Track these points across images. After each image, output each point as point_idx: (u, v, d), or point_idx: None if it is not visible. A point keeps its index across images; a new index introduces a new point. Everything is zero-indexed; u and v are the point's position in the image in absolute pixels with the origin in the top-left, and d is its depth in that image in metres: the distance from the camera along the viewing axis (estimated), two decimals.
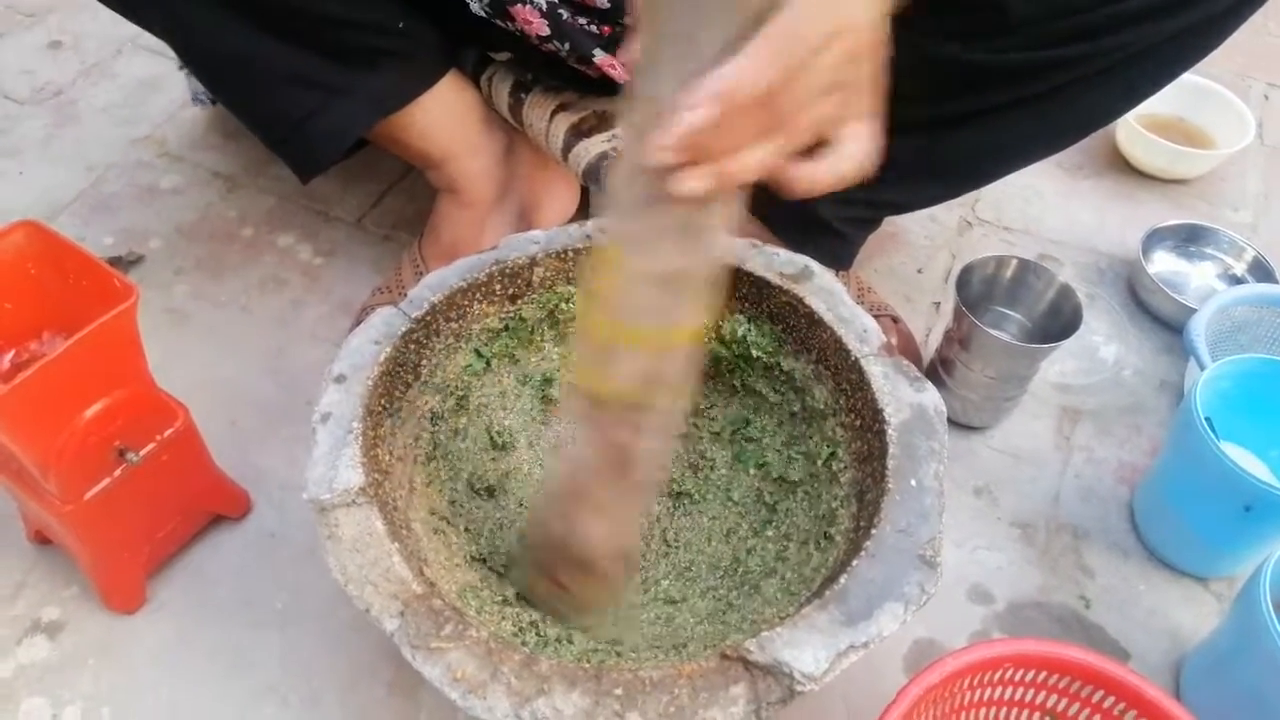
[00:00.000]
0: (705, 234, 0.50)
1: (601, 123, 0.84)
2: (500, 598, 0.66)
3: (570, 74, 0.85)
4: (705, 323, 0.54)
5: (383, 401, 0.67)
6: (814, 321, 0.71)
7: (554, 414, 0.79)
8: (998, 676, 0.64)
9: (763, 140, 0.45)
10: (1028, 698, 0.65)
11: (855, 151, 0.48)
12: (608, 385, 0.54)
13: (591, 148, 0.82)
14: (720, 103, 0.43)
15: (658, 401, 0.55)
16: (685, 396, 0.56)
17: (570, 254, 0.74)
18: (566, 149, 0.85)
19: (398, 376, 0.69)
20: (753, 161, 0.46)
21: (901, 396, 0.66)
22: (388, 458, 0.66)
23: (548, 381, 0.79)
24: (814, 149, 0.49)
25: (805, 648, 0.53)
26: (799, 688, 0.52)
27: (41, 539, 0.79)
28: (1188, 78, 1.20)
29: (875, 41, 0.46)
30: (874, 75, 0.47)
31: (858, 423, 0.68)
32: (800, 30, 0.43)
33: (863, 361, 0.68)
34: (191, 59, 0.80)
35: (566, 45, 0.80)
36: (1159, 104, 1.20)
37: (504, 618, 0.64)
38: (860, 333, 0.70)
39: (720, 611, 0.68)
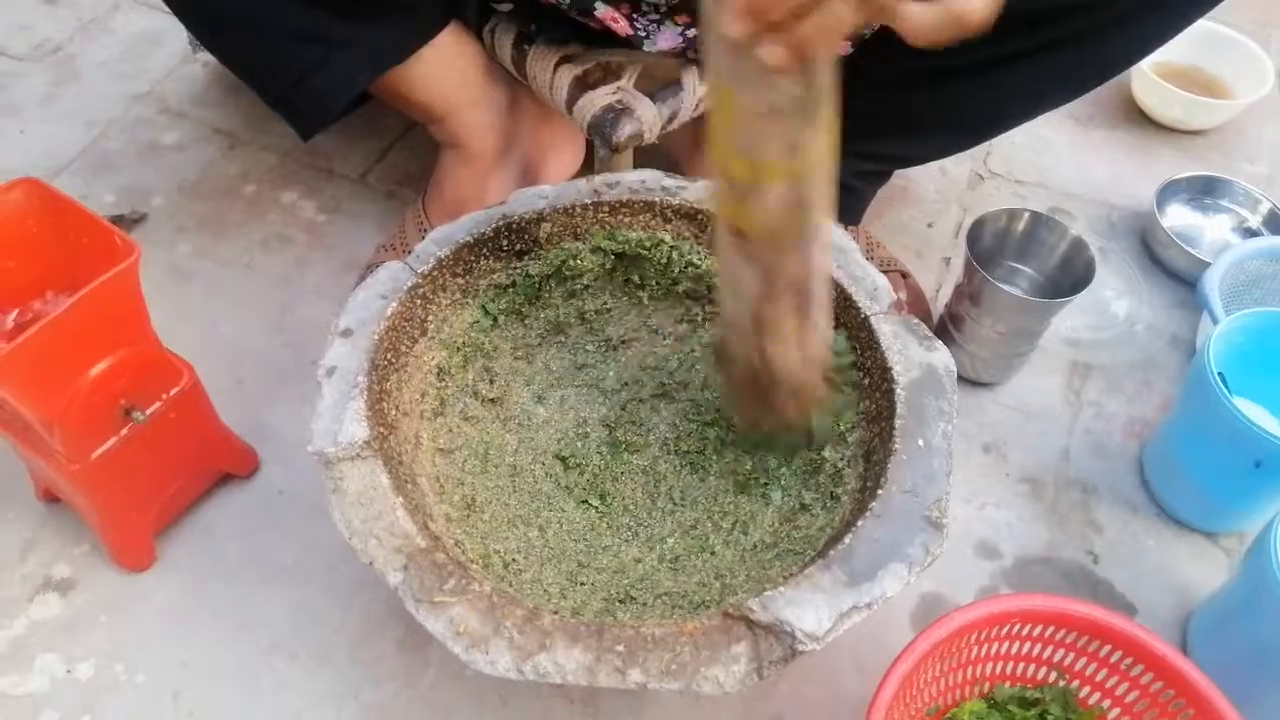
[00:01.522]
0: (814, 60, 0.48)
1: (606, 75, 0.82)
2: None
3: (574, 26, 0.83)
4: (830, 141, 0.53)
5: (389, 356, 0.66)
6: None
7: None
8: (1005, 631, 0.64)
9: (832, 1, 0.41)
10: (1035, 652, 0.66)
11: None
12: (751, 220, 0.54)
13: (596, 100, 0.81)
14: None
15: (810, 225, 0.55)
16: (831, 214, 0.56)
17: (577, 210, 0.73)
18: (571, 102, 0.84)
19: (404, 331, 0.68)
20: (823, 21, 0.41)
21: (911, 355, 0.65)
22: (393, 412, 0.66)
23: (557, 329, 0.78)
24: None
25: (808, 607, 0.53)
26: (801, 647, 0.52)
27: (50, 497, 0.79)
28: (1205, 25, 1.18)
29: None
30: None
31: (866, 381, 0.68)
32: None
33: (872, 320, 0.67)
34: (187, 14, 0.79)
35: None
36: (1175, 52, 1.18)
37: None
38: (871, 290, 0.69)
39: (725, 569, 0.68)
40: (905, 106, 0.84)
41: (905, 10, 0.41)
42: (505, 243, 0.73)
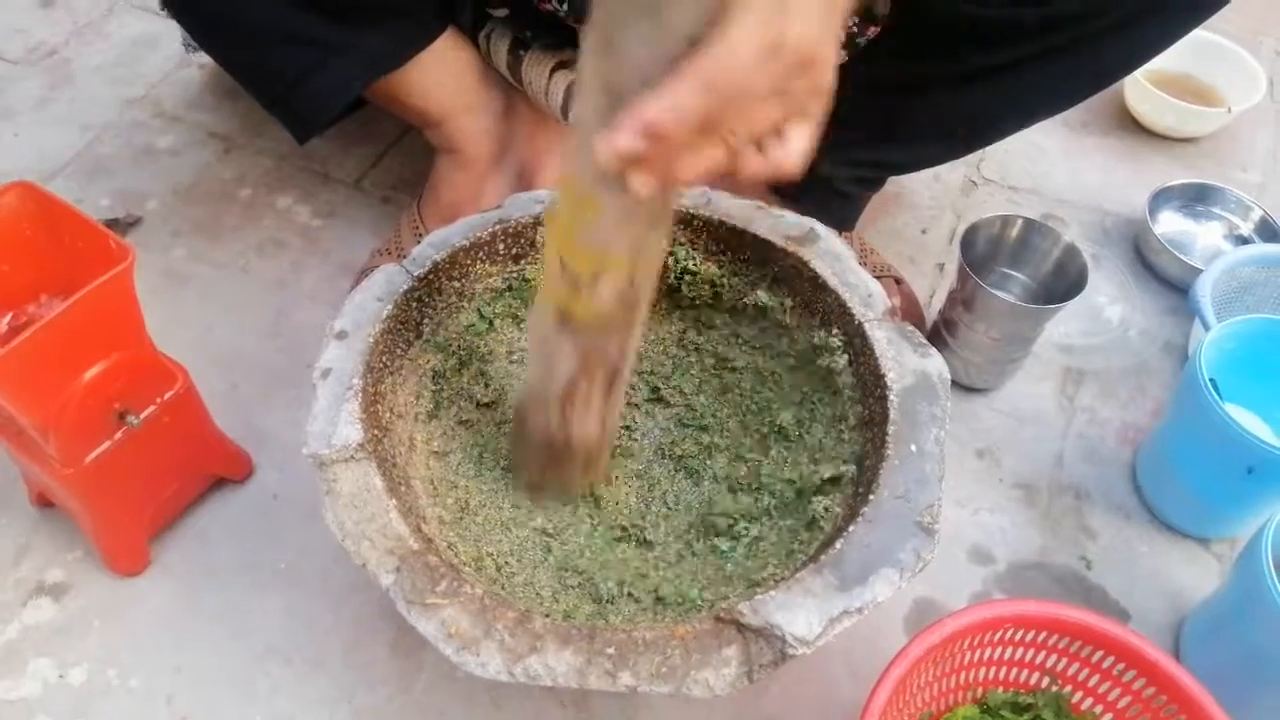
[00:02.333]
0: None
1: None
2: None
3: (569, 32, 0.83)
4: (664, 246, 0.58)
5: (384, 359, 0.67)
6: (819, 285, 0.71)
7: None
8: (998, 637, 0.64)
9: (705, 148, 0.46)
10: (1028, 658, 0.66)
11: (796, 149, 0.48)
12: (584, 306, 0.57)
13: None
14: (644, 134, 0.43)
15: (638, 311, 0.59)
16: (647, 305, 0.60)
17: None
18: (566, 107, 0.84)
19: (399, 334, 0.69)
20: (695, 167, 0.46)
21: (905, 362, 0.65)
22: (388, 415, 0.66)
23: None
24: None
25: (799, 611, 0.53)
26: (791, 651, 0.52)
27: (44, 502, 0.79)
28: (1198, 33, 1.18)
29: (824, 48, 0.45)
30: (825, 82, 0.47)
31: (860, 388, 0.68)
32: (733, 54, 0.41)
33: (867, 326, 0.67)
34: (184, 17, 0.79)
35: (564, 3, 0.79)
36: (1168, 60, 1.19)
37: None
38: (865, 297, 0.69)
39: (719, 575, 0.68)
40: (900, 114, 0.84)
41: (745, 158, 0.47)
42: (501, 247, 0.73)
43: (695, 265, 0.75)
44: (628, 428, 0.79)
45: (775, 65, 0.43)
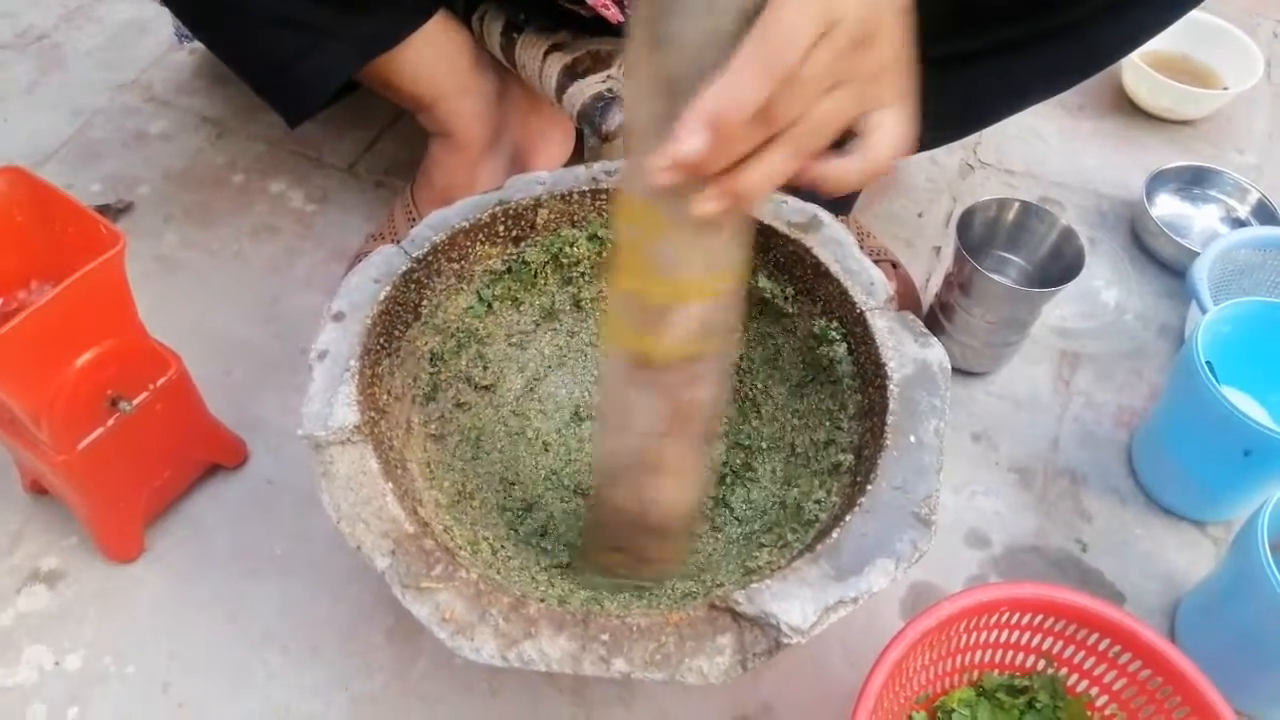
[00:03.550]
0: None
1: (596, 63, 0.82)
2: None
3: (563, 13, 0.82)
4: (744, 257, 0.52)
5: (381, 340, 0.66)
6: (820, 273, 0.70)
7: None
8: (994, 620, 0.64)
9: (770, 151, 0.42)
10: (1024, 641, 0.66)
11: (884, 141, 0.45)
12: (667, 347, 0.51)
13: (586, 89, 0.81)
14: (710, 127, 0.40)
15: (713, 349, 0.53)
16: (735, 336, 0.55)
17: (575, 196, 0.73)
18: (560, 90, 0.83)
19: (397, 316, 0.68)
20: (761, 175, 0.43)
21: (906, 351, 0.65)
22: (385, 397, 0.66)
23: (552, 316, 0.78)
24: (843, 141, 0.46)
25: (794, 600, 0.53)
26: (785, 640, 0.52)
27: (38, 489, 0.79)
28: (1195, 15, 1.17)
29: (885, 21, 0.41)
30: (893, 57, 0.43)
31: (859, 376, 0.68)
32: (787, 32, 0.39)
33: (868, 315, 0.67)
34: (174, 1, 0.78)
35: None
36: (1165, 42, 1.18)
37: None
38: (867, 285, 0.69)
39: (713, 560, 0.68)
40: None
41: (828, 166, 0.44)
42: (501, 228, 0.73)
43: None
44: None
45: (834, 40, 0.39)
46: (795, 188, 0.48)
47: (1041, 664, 0.67)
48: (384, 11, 0.79)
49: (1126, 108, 1.20)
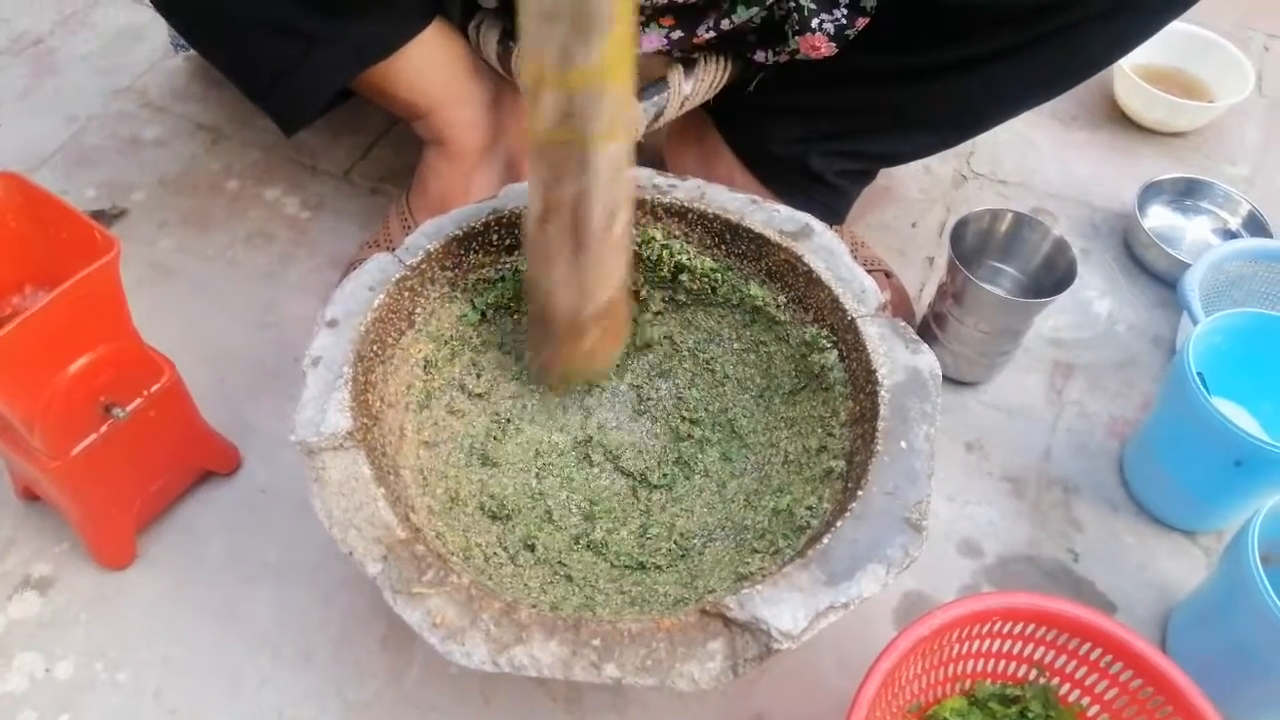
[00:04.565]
0: None
1: None
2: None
3: None
4: (609, 63, 0.54)
5: (374, 348, 0.66)
6: (812, 280, 0.71)
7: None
8: (987, 629, 0.64)
9: None
10: (1016, 650, 0.66)
11: None
12: (535, 128, 0.56)
13: None
14: None
15: (584, 142, 0.56)
16: (618, 144, 0.58)
17: None
18: None
19: (391, 323, 0.68)
20: None
21: (897, 358, 0.65)
22: (378, 404, 0.66)
23: None
24: None
25: (784, 606, 0.53)
26: (776, 645, 0.52)
27: (30, 495, 0.79)
28: (1187, 27, 1.19)
29: None
30: None
31: (851, 383, 0.68)
32: None
33: (859, 322, 0.67)
34: (168, 9, 0.78)
35: None
36: (1157, 54, 1.19)
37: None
38: (858, 293, 0.69)
39: (704, 566, 0.68)
40: (889, 104, 0.84)
41: None
42: (495, 237, 0.73)
43: (689, 259, 0.75)
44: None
45: None
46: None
47: (1034, 674, 0.67)
48: (380, 19, 0.79)
49: (1119, 119, 1.21)
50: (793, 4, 0.78)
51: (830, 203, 0.91)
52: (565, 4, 0.51)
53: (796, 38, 0.79)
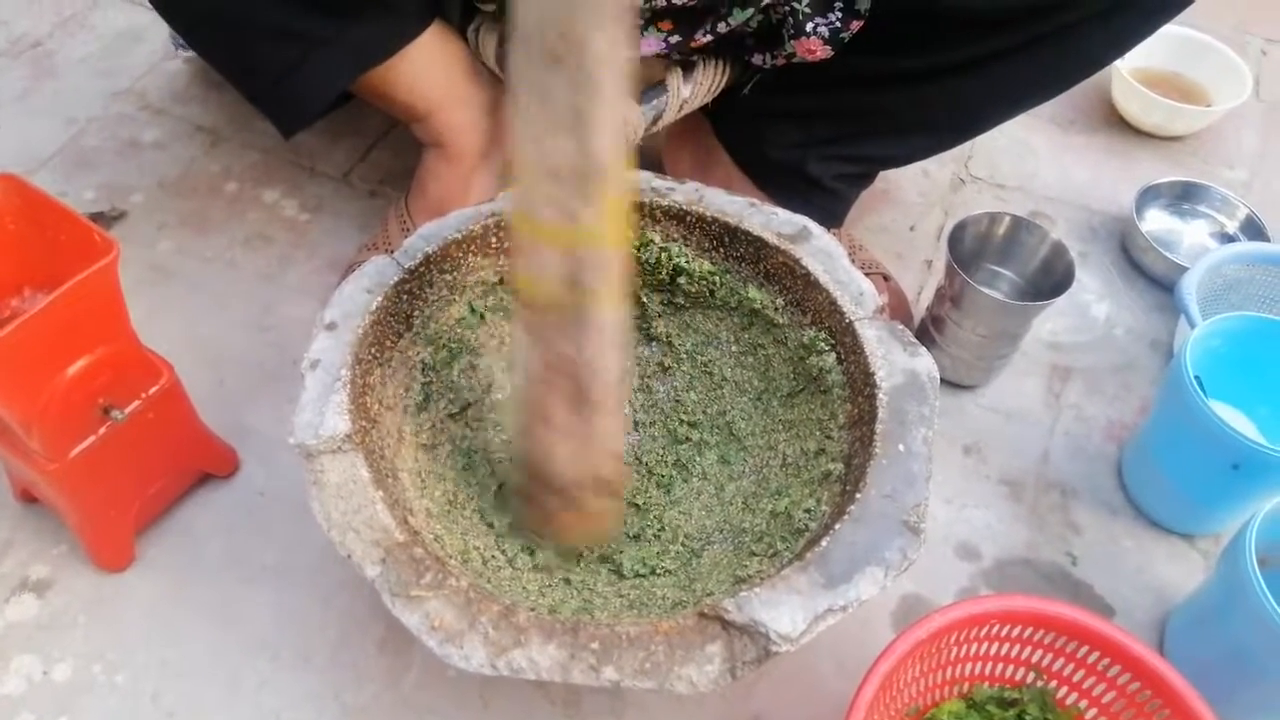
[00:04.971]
0: (591, 123, 0.49)
1: None
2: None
3: None
4: (610, 225, 0.53)
5: (373, 350, 0.66)
6: (810, 283, 0.71)
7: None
8: (985, 632, 0.64)
9: None
10: (1014, 653, 0.66)
11: None
12: (532, 285, 0.55)
13: None
14: None
15: (585, 305, 0.55)
16: (618, 308, 0.56)
17: None
18: None
19: (389, 326, 0.68)
20: None
21: (895, 361, 0.65)
22: (376, 406, 0.66)
23: None
24: None
25: (783, 609, 0.53)
26: (775, 648, 0.53)
27: (28, 497, 0.78)
28: (1184, 31, 1.19)
29: None
30: None
31: (849, 386, 0.68)
32: None
33: (857, 325, 0.67)
34: (168, 11, 0.78)
35: None
36: (1155, 58, 1.20)
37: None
38: (856, 295, 0.69)
39: (702, 569, 0.68)
40: (886, 107, 0.85)
41: None
42: (494, 240, 0.73)
43: (687, 262, 0.75)
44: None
45: None
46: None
47: (1031, 677, 0.67)
48: (380, 22, 0.79)
49: (1117, 123, 1.21)
50: (788, 7, 0.78)
51: (828, 206, 0.91)
52: (570, 162, 0.49)
53: (792, 41, 0.79)
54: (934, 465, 0.61)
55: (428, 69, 0.84)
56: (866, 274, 0.71)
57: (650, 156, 1.03)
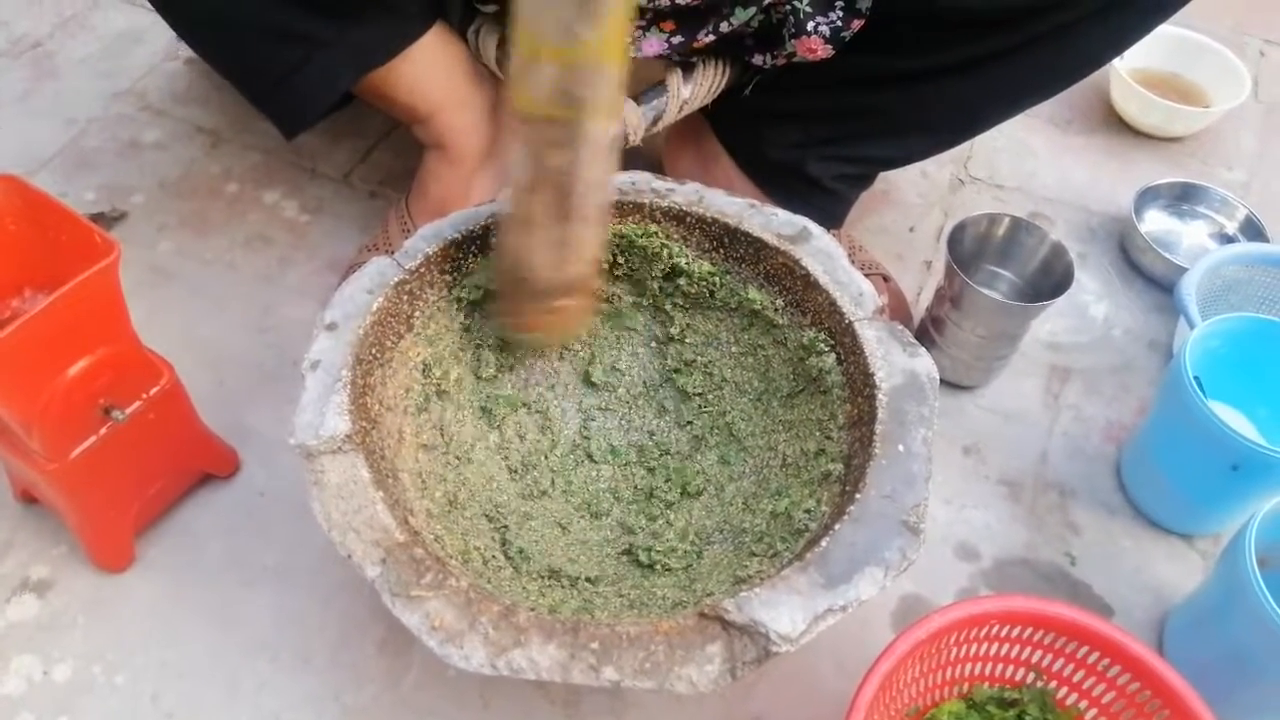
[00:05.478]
0: None
1: None
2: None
3: None
4: (610, 40, 0.55)
5: (373, 351, 0.66)
6: (809, 284, 0.71)
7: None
8: (984, 633, 0.64)
9: None
10: (1013, 653, 0.66)
11: None
12: (527, 100, 0.57)
13: None
14: None
15: (578, 120, 0.57)
16: (610, 122, 0.59)
17: None
18: None
19: (389, 326, 0.68)
20: None
21: (894, 361, 0.65)
22: (377, 407, 0.66)
23: None
24: None
25: (783, 609, 0.54)
26: (774, 648, 0.53)
27: (28, 498, 0.79)
28: (1183, 32, 1.20)
29: None
30: None
31: (849, 387, 0.68)
32: None
33: (856, 325, 0.67)
34: (169, 12, 0.78)
35: None
36: (1153, 59, 1.20)
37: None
38: (856, 296, 0.69)
39: (703, 569, 0.69)
40: (885, 108, 0.85)
41: None
42: (494, 240, 0.73)
43: (688, 263, 0.75)
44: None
45: None
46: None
47: (1031, 677, 0.67)
48: (381, 24, 0.79)
49: (1116, 124, 1.21)
50: (789, 6, 0.78)
51: (828, 207, 0.91)
52: None
53: (793, 41, 0.79)
54: (933, 466, 0.61)
55: (429, 71, 0.84)
56: (866, 275, 0.71)
57: (650, 157, 1.03)
